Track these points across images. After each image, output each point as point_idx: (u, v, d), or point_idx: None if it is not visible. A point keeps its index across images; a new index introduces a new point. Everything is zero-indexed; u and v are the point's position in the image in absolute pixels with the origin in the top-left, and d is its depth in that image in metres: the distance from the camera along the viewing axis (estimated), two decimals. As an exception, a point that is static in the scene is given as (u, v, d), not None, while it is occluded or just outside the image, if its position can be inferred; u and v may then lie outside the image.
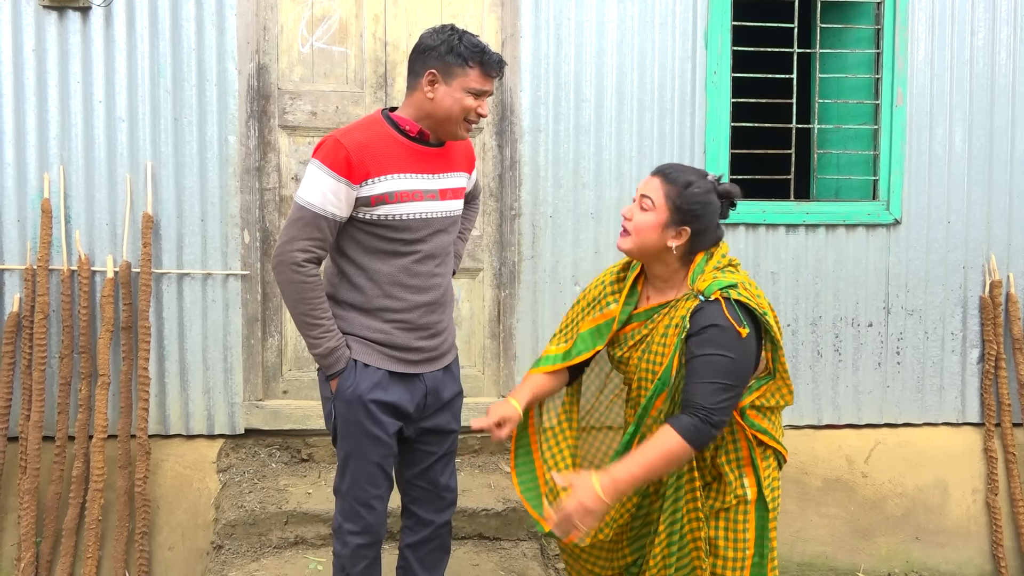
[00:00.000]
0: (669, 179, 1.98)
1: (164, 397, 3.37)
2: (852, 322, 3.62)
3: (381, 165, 2.07)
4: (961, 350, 3.67)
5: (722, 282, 1.92)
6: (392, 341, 2.14)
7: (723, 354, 1.87)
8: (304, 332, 2.09)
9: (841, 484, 3.56)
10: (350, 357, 2.12)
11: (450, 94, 2.07)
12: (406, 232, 2.10)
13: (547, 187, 3.47)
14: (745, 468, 2.01)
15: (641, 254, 2.01)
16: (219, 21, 3.30)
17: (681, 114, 3.50)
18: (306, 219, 2.04)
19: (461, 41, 2.05)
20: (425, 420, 2.24)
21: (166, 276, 3.35)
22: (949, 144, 3.61)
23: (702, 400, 1.86)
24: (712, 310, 1.89)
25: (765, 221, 3.56)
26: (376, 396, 2.12)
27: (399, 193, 2.08)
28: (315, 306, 2.06)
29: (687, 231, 1.96)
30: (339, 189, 2.03)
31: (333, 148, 2.03)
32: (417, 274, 2.14)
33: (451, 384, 2.29)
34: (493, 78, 2.10)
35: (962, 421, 3.67)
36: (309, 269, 2.05)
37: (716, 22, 3.48)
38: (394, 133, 2.12)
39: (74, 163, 3.29)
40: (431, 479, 2.30)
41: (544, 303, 3.50)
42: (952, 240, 3.63)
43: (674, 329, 1.94)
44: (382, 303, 2.12)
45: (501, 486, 3.30)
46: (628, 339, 2.07)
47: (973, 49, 3.59)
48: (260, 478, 3.32)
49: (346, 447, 2.15)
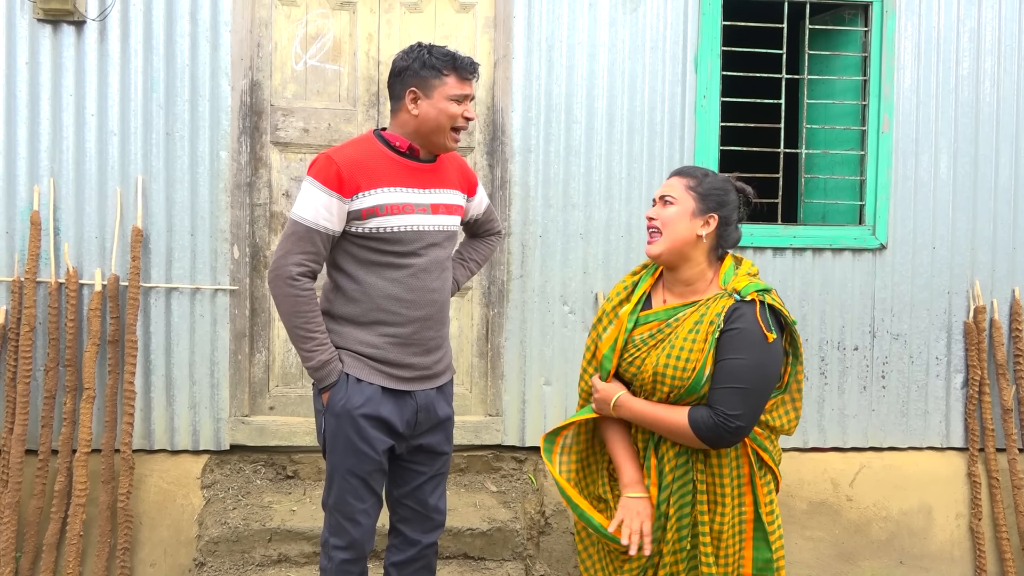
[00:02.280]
0: (685, 174, 2.03)
1: (149, 412, 3.36)
2: (838, 345, 3.65)
3: (371, 179, 2.11)
4: (946, 375, 3.69)
5: (758, 284, 1.94)
6: (385, 357, 2.15)
7: (750, 359, 1.88)
8: (298, 345, 2.12)
9: (826, 507, 3.57)
10: (343, 371, 2.13)
11: (433, 106, 2.12)
12: (398, 245, 2.13)
13: (537, 207, 3.49)
14: (744, 488, 2.00)
15: (671, 253, 1.99)
16: (213, 37, 3.32)
17: (671, 137, 3.54)
18: (300, 233, 2.08)
19: (431, 54, 2.12)
20: (416, 438, 2.24)
21: (154, 290, 3.34)
22: (934, 171, 3.65)
23: (724, 406, 1.88)
24: (746, 312, 1.89)
25: (753, 244, 3.59)
26: (367, 411, 2.13)
27: (389, 206, 2.11)
28: (309, 319, 2.09)
29: (715, 218, 1.98)
30: (331, 203, 2.07)
31: (325, 164, 2.09)
32: (413, 288, 2.16)
33: (444, 405, 2.29)
34: (470, 80, 2.15)
35: (946, 445, 3.69)
36: (303, 283, 2.09)
37: (706, 47, 3.53)
38: (385, 149, 2.18)
39: (65, 176, 3.29)
40: (420, 499, 2.30)
41: (532, 322, 3.51)
42: (937, 265, 3.67)
43: (706, 327, 1.91)
44: (376, 316, 2.14)
45: (486, 505, 3.29)
46: (640, 341, 2.02)
47: (958, 78, 3.65)
48: (245, 495, 3.30)
49: (334, 460, 2.16)
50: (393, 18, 3.49)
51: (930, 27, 3.63)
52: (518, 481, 3.48)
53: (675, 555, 2.02)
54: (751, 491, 2.00)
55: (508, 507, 3.29)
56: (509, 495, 3.39)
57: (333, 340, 2.15)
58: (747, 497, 2.00)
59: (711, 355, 1.90)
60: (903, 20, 3.62)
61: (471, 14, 3.51)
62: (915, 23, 3.62)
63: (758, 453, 2.03)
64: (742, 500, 1.99)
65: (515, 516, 3.23)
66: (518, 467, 3.53)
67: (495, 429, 3.52)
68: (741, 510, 1.99)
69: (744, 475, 2.00)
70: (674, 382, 1.93)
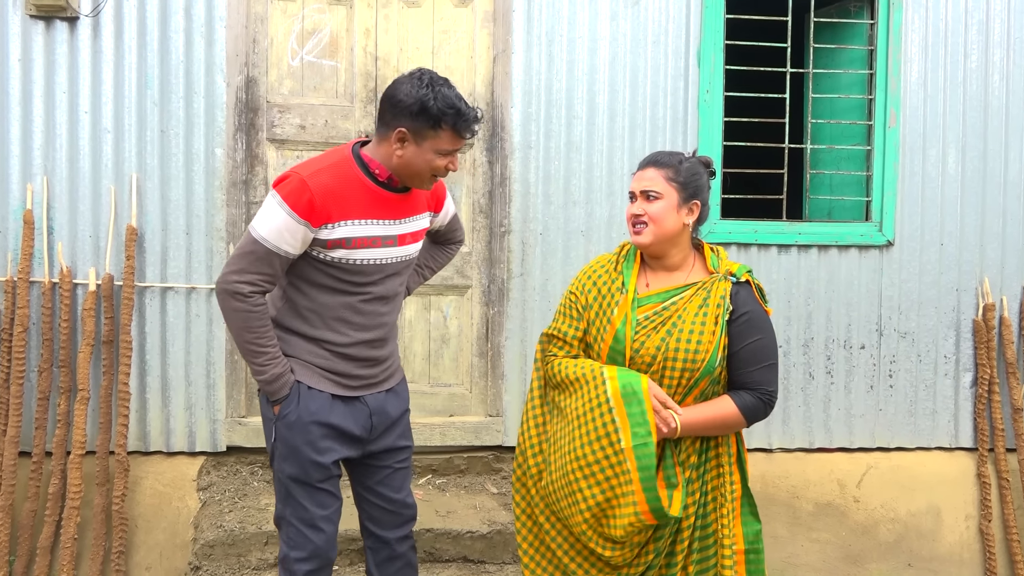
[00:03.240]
0: (662, 164, 2.04)
1: (145, 413, 3.31)
2: (844, 344, 3.58)
3: (343, 210, 2.01)
4: (954, 374, 3.63)
5: (746, 267, 2.06)
6: (332, 367, 2.11)
7: (765, 336, 2.01)
8: (249, 359, 2.05)
9: (833, 509, 3.51)
10: (295, 381, 2.08)
11: (420, 155, 1.99)
12: (359, 275, 2.07)
13: (537, 204, 3.44)
14: (734, 465, 2.06)
15: (661, 243, 2.04)
16: (208, 33, 3.28)
17: (673, 132, 3.48)
18: (258, 254, 1.97)
19: (436, 100, 1.93)
20: (375, 441, 2.20)
21: (149, 290, 3.29)
22: (942, 166, 3.59)
23: (765, 384, 2.00)
24: (746, 293, 2.01)
25: (757, 241, 3.53)
26: (320, 418, 2.08)
27: (357, 239, 2.03)
28: (261, 334, 2.02)
29: (698, 205, 2.05)
30: (297, 230, 1.96)
31: (298, 188, 1.96)
32: (363, 312, 2.10)
33: (397, 403, 2.24)
34: (468, 138, 2.02)
35: (955, 446, 3.63)
36: (255, 299, 2.00)
37: (709, 41, 3.47)
38: (362, 176, 2.04)
39: (58, 174, 3.25)
40: (385, 495, 2.25)
41: (533, 321, 3.45)
42: (945, 262, 3.60)
43: (714, 310, 1.98)
44: (324, 335, 2.09)
45: (487, 507, 3.24)
46: (638, 324, 2.02)
47: (966, 71, 3.58)
48: (241, 497, 3.25)
49: (289, 470, 2.10)
50: (391, 13, 3.43)
51: (938, 19, 3.56)
52: (519, 483, 3.42)
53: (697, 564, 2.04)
54: (739, 468, 2.07)
55: (508, 509, 3.24)
56: (509, 496, 3.34)
57: (281, 348, 2.09)
58: (736, 475, 2.07)
59: (722, 338, 1.97)
60: (910, 12, 3.55)
61: (470, 8, 3.45)
62: (922, 15, 3.56)
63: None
64: (733, 478, 2.06)
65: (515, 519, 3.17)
66: (519, 468, 3.47)
67: (495, 429, 3.46)
68: (733, 487, 2.05)
69: (733, 453, 2.07)
70: (686, 364, 1.97)
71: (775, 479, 3.51)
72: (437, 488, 3.38)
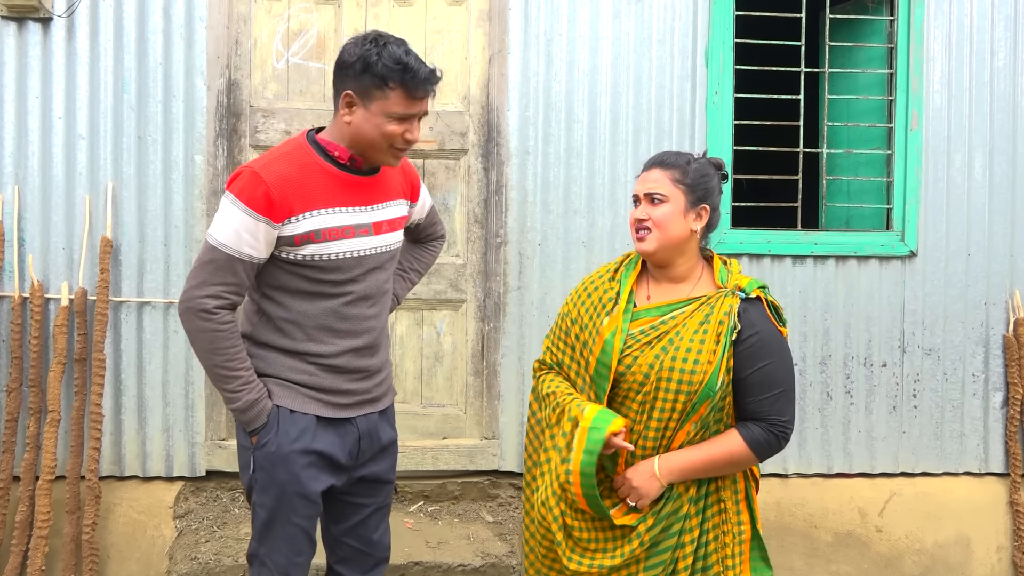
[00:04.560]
0: (668, 165, 1.89)
1: (120, 435, 3.13)
2: (864, 361, 3.35)
3: (306, 200, 1.81)
4: (983, 393, 3.39)
5: (758, 282, 1.87)
6: (319, 383, 1.89)
7: (777, 360, 1.82)
8: (219, 385, 1.84)
9: (853, 539, 3.27)
10: (273, 406, 1.86)
11: (369, 120, 1.79)
12: (336, 272, 1.86)
13: (535, 213, 3.24)
14: (742, 504, 1.88)
15: (666, 251, 1.88)
16: (188, 34, 3.11)
17: (680, 136, 3.27)
18: (218, 262, 1.78)
19: (380, 56, 1.74)
20: (359, 468, 1.98)
21: (125, 304, 3.12)
22: (968, 171, 3.36)
23: (776, 414, 1.82)
24: (756, 311, 1.82)
25: (770, 252, 3.31)
26: (303, 446, 1.86)
27: (328, 231, 1.83)
28: (231, 356, 1.81)
29: (707, 209, 1.89)
30: (257, 228, 1.76)
31: (251, 182, 1.77)
32: (348, 317, 1.89)
33: (387, 429, 2.03)
34: (422, 98, 1.81)
35: (985, 471, 3.38)
36: (221, 316, 1.79)
37: (717, 39, 3.27)
38: (321, 161, 1.86)
39: (30, 183, 3.08)
40: (362, 536, 2.03)
41: (531, 337, 3.25)
42: (972, 274, 3.37)
43: (715, 327, 1.80)
44: (307, 347, 1.88)
45: (481, 538, 3.03)
46: (631, 338, 1.85)
47: (993, 70, 3.36)
48: (220, 525, 3.05)
49: (268, 505, 1.88)
50: (381, 12, 3.26)
51: (962, 15, 3.35)
52: (516, 510, 3.21)
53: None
54: (747, 507, 1.88)
55: (504, 540, 3.03)
56: (506, 526, 3.13)
57: (258, 367, 1.88)
58: (744, 514, 1.88)
59: (725, 359, 1.79)
60: (932, 8, 3.34)
61: (464, 7, 3.27)
62: (945, 11, 3.34)
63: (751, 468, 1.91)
64: (740, 518, 1.87)
65: (511, 550, 2.96)
66: (517, 495, 3.26)
67: (491, 453, 3.25)
68: (740, 529, 1.86)
69: (740, 490, 1.88)
70: (681, 386, 1.78)
71: (791, 507, 3.27)
72: (429, 516, 3.17)
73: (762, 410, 1.81)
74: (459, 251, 3.30)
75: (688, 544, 1.84)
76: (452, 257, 3.30)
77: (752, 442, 1.81)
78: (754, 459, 1.82)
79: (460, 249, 3.30)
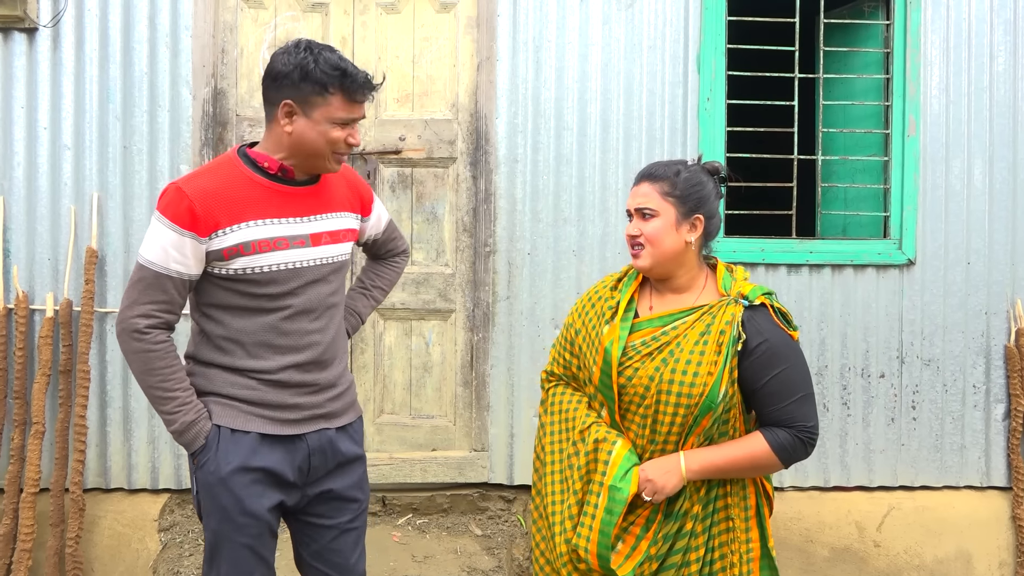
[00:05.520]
0: (656, 177, 1.86)
1: (106, 447, 3.10)
2: (862, 372, 3.28)
3: (232, 213, 1.77)
4: (984, 405, 3.31)
5: (763, 288, 1.83)
6: (262, 399, 1.84)
7: (792, 364, 1.78)
8: (155, 407, 1.80)
9: (850, 554, 3.20)
10: (212, 426, 1.82)
11: (312, 127, 1.78)
12: (271, 286, 1.81)
13: (525, 222, 3.20)
14: (751, 521, 1.83)
15: (662, 265, 1.85)
16: (173, 43, 3.09)
17: (671, 143, 3.22)
18: (147, 280, 1.75)
19: (317, 64, 1.74)
20: (313, 485, 1.92)
21: (111, 315, 3.09)
22: (968, 178, 3.29)
23: (803, 419, 1.77)
24: (762, 318, 1.78)
25: (764, 260, 3.25)
26: (245, 464, 1.81)
27: (257, 243, 1.79)
28: (166, 376, 1.77)
29: (700, 219, 1.85)
30: (183, 244, 1.74)
31: (174, 197, 1.75)
32: (287, 332, 1.84)
33: (347, 445, 1.95)
34: (361, 103, 1.80)
35: (987, 484, 3.30)
36: (155, 335, 1.76)
37: (709, 45, 3.21)
38: (249, 173, 1.82)
39: (15, 193, 3.07)
40: (332, 561, 1.96)
41: (521, 348, 3.20)
42: (972, 283, 3.29)
43: (716, 337, 1.76)
44: (247, 364, 1.83)
45: (468, 552, 2.98)
46: (632, 349, 1.83)
47: (992, 75, 3.29)
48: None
49: (211, 527, 1.84)
50: (368, 20, 3.23)
51: (960, 19, 3.28)
52: (506, 523, 3.16)
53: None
54: (757, 524, 1.83)
55: (492, 554, 2.98)
56: (495, 539, 3.08)
57: (198, 384, 1.84)
58: (754, 532, 1.83)
59: (727, 370, 1.74)
60: (929, 12, 3.27)
61: (452, 14, 3.24)
62: (943, 15, 3.28)
63: (762, 482, 1.86)
64: (749, 536, 1.82)
65: (499, 564, 2.91)
66: (506, 507, 3.21)
67: (481, 465, 3.21)
68: (749, 547, 1.82)
69: (751, 507, 1.83)
70: (681, 399, 1.74)
71: (787, 521, 3.20)
72: (417, 529, 3.12)
73: (786, 417, 1.77)
74: (448, 260, 3.26)
75: (694, 563, 1.80)
76: (441, 267, 3.26)
77: (776, 446, 1.76)
78: (778, 463, 1.78)
79: (449, 258, 3.26)
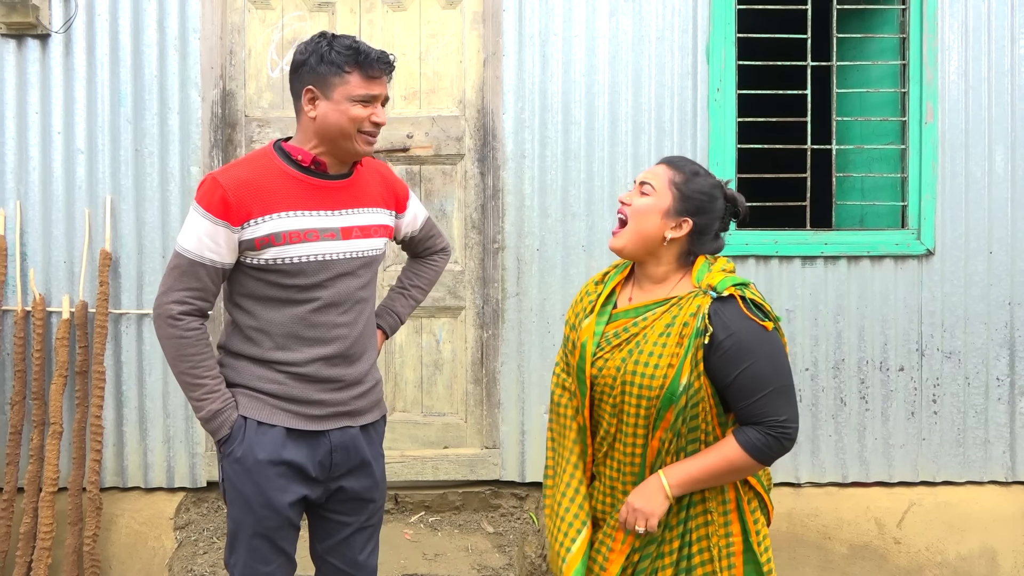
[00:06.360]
0: (675, 166, 1.82)
1: (122, 447, 3.15)
2: (880, 366, 3.21)
3: (265, 203, 1.82)
4: (1008, 398, 3.22)
5: (735, 279, 1.75)
6: (289, 393, 1.87)
7: (760, 358, 1.70)
8: (186, 393, 1.85)
9: (870, 551, 3.13)
10: (239, 416, 1.86)
11: (334, 108, 1.83)
12: (300, 277, 1.85)
13: (533, 217, 3.17)
14: (731, 515, 1.79)
15: (635, 248, 1.80)
16: (182, 46, 3.12)
17: (681, 136, 3.18)
18: (182, 267, 1.82)
19: (332, 47, 1.82)
20: (335, 480, 1.95)
21: (125, 317, 3.13)
22: (989, 164, 3.20)
23: (773, 415, 1.71)
24: (731, 311, 1.71)
25: (778, 253, 3.19)
26: (271, 457, 1.85)
27: (288, 234, 1.83)
28: (196, 363, 1.82)
29: (688, 224, 1.78)
30: (216, 233, 1.79)
31: (210, 188, 1.81)
32: (315, 324, 1.87)
33: (369, 446, 1.98)
34: (378, 78, 1.85)
35: (1012, 479, 3.22)
36: (188, 322, 1.82)
37: (719, 34, 3.16)
38: (283, 166, 1.87)
39: (31, 198, 3.12)
40: (345, 556, 2.00)
41: (531, 344, 3.18)
42: (995, 272, 3.21)
43: (679, 329, 1.72)
44: (275, 356, 1.87)
45: (479, 549, 2.97)
46: (605, 341, 1.81)
47: (1014, 58, 3.19)
48: (220, 536, 3.05)
49: (235, 515, 1.89)
50: (375, 18, 3.23)
51: (978, 1, 3.19)
52: (518, 520, 3.15)
53: None
54: (738, 518, 1.79)
55: (503, 551, 2.96)
56: (507, 537, 3.06)
57: (228, 376, 1.89)
58: (735, 526, 1.79)
59: (688, 361, 1.70)
60: (946, -5, 3.19)
61: (458, 10, 3.22)
62: (961, -2, 3.19)
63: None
64: (729, 529, 1.78)
65: (509, 562, 2.90)
66: (519, 504, 3.20)
67: (492, 463, 3.20)
68: (729, 541, 1.78)
69: (730, 500, 1.79)
70: (643, 391, 1.71)
71: (803, 517, 3.15)
72: (429, 527, 3.12)
73: (756, 413, 1.72)
74: (457, 257, 3.25)
75: (668, 555, 1.78)
76: (451, 264, 3.25)
77: (749, 446, 1.71)
78: (755, 464, 1.73)
79: (458, 255, 3.25)
